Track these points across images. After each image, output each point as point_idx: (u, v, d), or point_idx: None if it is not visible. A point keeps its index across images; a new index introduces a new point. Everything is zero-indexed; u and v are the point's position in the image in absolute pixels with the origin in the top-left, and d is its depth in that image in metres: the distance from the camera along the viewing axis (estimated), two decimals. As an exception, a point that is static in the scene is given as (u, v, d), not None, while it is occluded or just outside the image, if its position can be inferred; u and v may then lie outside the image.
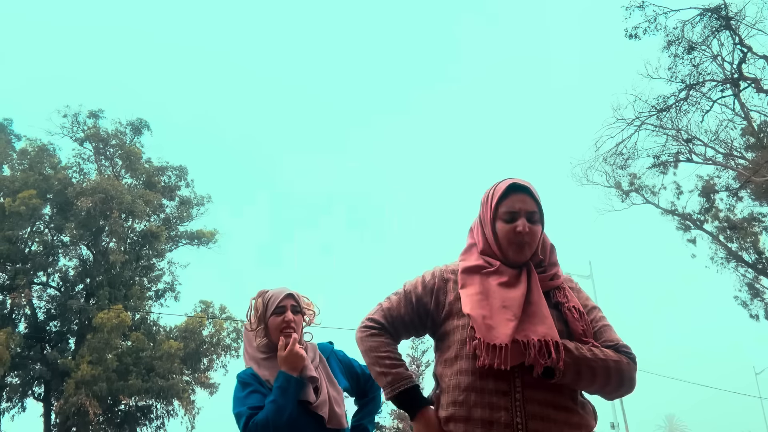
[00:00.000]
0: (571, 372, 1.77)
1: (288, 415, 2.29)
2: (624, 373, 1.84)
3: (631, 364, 1.86)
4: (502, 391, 1.78)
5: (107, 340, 19.54)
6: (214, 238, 24.75)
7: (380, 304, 2.06)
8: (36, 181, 21.61)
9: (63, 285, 22.62)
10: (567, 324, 1.87)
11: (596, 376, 1.80)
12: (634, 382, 1.86)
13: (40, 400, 20.96)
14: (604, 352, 1.83)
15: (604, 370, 1.80)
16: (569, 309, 1.89)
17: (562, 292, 1.94)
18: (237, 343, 23.37)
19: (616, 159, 20.24)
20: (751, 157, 18.67)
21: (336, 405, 2.43)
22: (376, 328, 2.01)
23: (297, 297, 2.58)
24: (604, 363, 1.80)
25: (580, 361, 1.78)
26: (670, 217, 21.92)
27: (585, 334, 1.86)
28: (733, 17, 17.10)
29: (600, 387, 1.84)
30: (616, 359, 1.83)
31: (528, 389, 1.78)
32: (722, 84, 18.41)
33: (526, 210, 1.91)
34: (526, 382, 1.79)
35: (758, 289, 21.71)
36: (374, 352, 1.98)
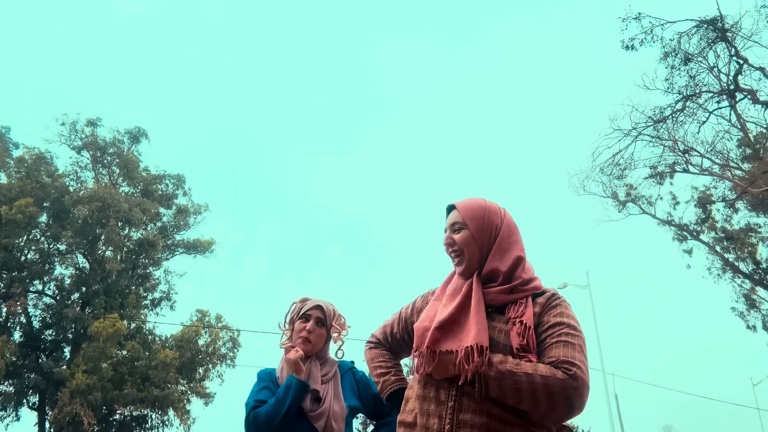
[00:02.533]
0: (495, 386, 1.72)
1: (284, 414, 2.39)
2: (554, 389, 1.68)
3: (566, 380, 1.69)
4: (440, 400, 1.83)
5: (102, 349, 19.45)
6: (210, 248, 24.73)
7: (384, 322, 2.34)
8: (33, 189, 21.58)
9: (59, 293, 22.52)
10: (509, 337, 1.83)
11: (520, 393, 1.69)
12: (573, 402, 1.70)
13: (35, 409, 20.84)
14: (535, 367, 1.72)
15: (528, 386, 1.69)
16: (513, 323, 1.83)
17: (517, 306, 1.89)
18: (233, 352, 23.29)
19: (612, 169, 20.29)
20: (748, 168, 18.74)
21: (334, 420, 2.49)
22: (373, 343, 2.33)
23: (326, 310, 2.66)
24: (529, 378, 1.69)
25: (503, 374, 1.71)
26: (666, 227, 21.99)
27: (523, 350, 1.78)
28: (729, 29, 17.24)
29: (531, 407, 1.71)
30: (546, 374, 1.69)
31: (464, 398, 1.78)
32: (718, 95, 18.51)
33: (450, 223, 2.06)
34: (463, 392, 1.79)
35: (755, 299, 21.73)
36: (370, 364, 2.30)
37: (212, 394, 22.57)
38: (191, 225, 25.00)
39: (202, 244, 24.63)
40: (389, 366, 2.24)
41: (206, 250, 24.73)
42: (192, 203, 25.08)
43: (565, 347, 1.79)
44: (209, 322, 23.40)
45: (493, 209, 2.03)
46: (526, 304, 1.90)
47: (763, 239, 20.86)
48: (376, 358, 2.28)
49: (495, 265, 1.96)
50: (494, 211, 2.03)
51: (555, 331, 1.84)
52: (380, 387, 2.23)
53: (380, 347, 2.29)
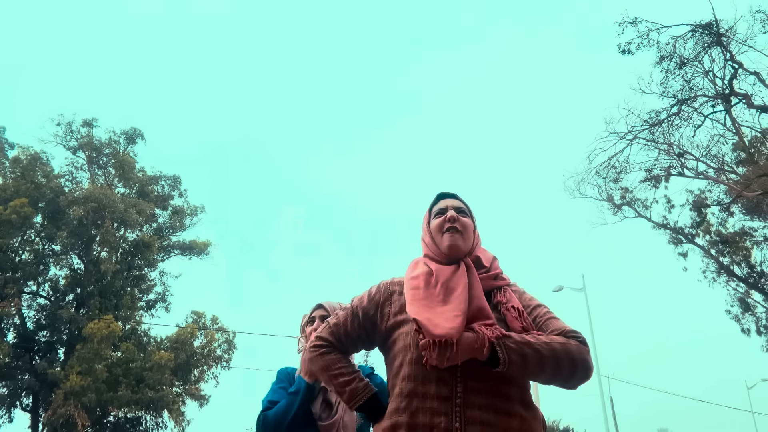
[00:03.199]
0: (517, 359, 1.73)
1: (292, 416, 2.37)
2: (574, 354, 1.80)
3: (580, 345, 1.83)
4: (444, 396, 1.77)
5: (97, 351, 19.37)
6: (206, 249, 24.67)
7: (327, 322, 2.10)
8: (28, 189, 21.50)
9: (53, 294, 22.43)
10: (506, 324, 1.86)
11: (543, 361, 1.76)
12: (589, 364, 1.83)
13: (28, 410, 20.71)
14: (550, 337, 1.81)
15: (551, 353, 1.76)
16: (507, 309, 1.90)
17: (502, 292, 1.97)
18: (228, 354, 23.24)
19: (608, 172, 20.35)
20: (743, 171, 18.82)
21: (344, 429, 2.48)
22: (325, 346, 2.03)
23: (328, 307, 2.70)
24: (549, 346, 1.77)
25: (524, 344, 1.75)
26: (661, 230, 22.03)
27: (524, 330, 1.84)
28: (725, 34, 17.33)
29: (552, 374, 1.80)
30: (563, 341, 1.81)
31: (470, 394, 1.76)
32: (714, 99, 18.60)
33: (453, 206, 2.09)
34: (468, 387, 1.77)
35: (749, 303, 21.79)
36: (326, 371, 2.01)
37: (207, 396, 22.52)
38: (187, 226, 24.96)
39: (197, 246, 24.58)
40: (351, 372, 2.00)
41: (202, 252, 24.68)
42: (188, 204, 25.06)
43: (558, 321, 1.94)
44: (205, 324, 23.35)
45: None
46: (508, 291, 1.99)
47: (758, 243, 20.93)
48: (333, 365, 2.00)
49: (480, 256, 2.06)
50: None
51: (541, 310, 1.98)
52: (347, 397, 1.97)
53: (333, 351, 2.02)
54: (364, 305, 2.05)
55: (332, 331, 2.05)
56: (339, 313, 2.09)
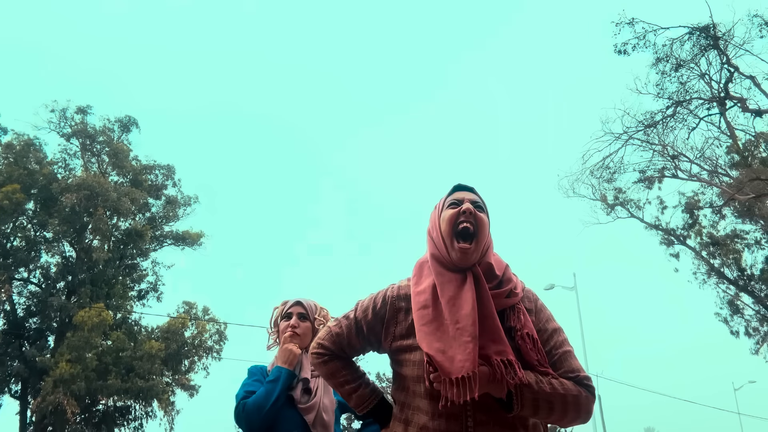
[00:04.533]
0: (529, 406, 1.72)
1: (273, 402, 2.44)
2: (581, 407, 1.79)
3: (589, 397, 1.81)
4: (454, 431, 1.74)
5: (87, 339, 19.32)
6: (199, 240, 24.60)
7: (329, 328, 2.03)
8: (20, 175, 21.35)
9: (44, 281, 22.33)
10: (521, 354, 1.77)
11: (553, 410, 1.75)
12: (590, 415, 1.82)
13: (17, 397, 20.65)
14: (564, 386, 1.77)
15: (562, 405, 1.75)
16: (523, 338, 1.78)
17: (516, 314, 1.83)
18: (219, 345, 23.21)
19: (602, 173, 20.45)
20: (735, 175, 18.92)
21: (324, 412, 2.55)
22: (326, 355, 2.00)
23: (306, 305, 2.75)
24: (562, 398, 1.75)
25: (539, 396, 1.72)
26: (654, 231, 22.14)
27: (540, 364, 1.78)
28: (722, 37, 17.39)
29: (556, 420, 1.80)
30: (575, 393, 1.77)
31: (480, 427, 1.73)
32: (709, 102, 18.69)
33: (471, 199, 1.89)
34: (478, 421, 1.73)
35: (739, 306, 21.94)
36: (332, 379, 2.01)
37: (197, 386, 22.51)
38: (180, 216, 24.87)
39: (190, 236, 24.51)
40: (356, 378, 1.99)
41: (195, 243, 24.61)
42: (182, 194, 24.96)
43: (572, 358, 1.86)
44: (196, 315, 23.32)
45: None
46: (522, 311, 1.85)
47: (749, 246, 21.07)
48: (338, 373, 1.98)
49: (491, 263, 1.88)
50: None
51: (557, 340, 1.88)
52: (354, 403, 1.97)
53: (335, 359, 1.99)
54: (368, 319, 1.95)
55: (334, 341, 1.99)
56: (341, 322, 2.00)
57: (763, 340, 21.68)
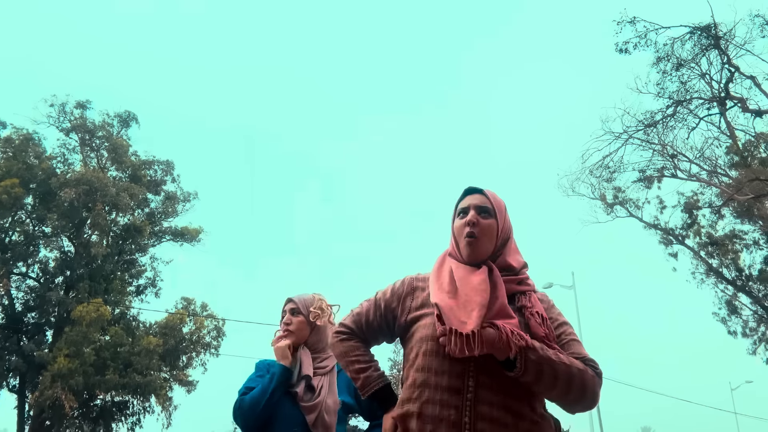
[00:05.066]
0: (533, 370, 1.72)
1: (268, 399, 2.44)
2: (587, 383, 1.78)
3: (596, 378, 1.81)
4: (455, 389, 1.77)
5: (85, 334, 19.31)
6: (198, 236, 24.58)
7: (352, 310, 2.14)
8: (19, 170, 21.32)
9: (42, 276, 22.31)
10: (529, 328, 1.83)
11: (557, 380, 1.74)
12: (597, 397, 1.81)
13: (15, 392, 20.66)
14: (570, 360, 1.78)
15: (566, 375, 1.74)
16: (532, 313, 1.86)
17: (527, 297, 1.92)
18: (217, 341, 23.22)
19: (602, 172, 20.46)
20: (735, 175, 18.93)
21: (326, 413, 2.53)
22: (346, 333, 2.09)
23: (297, 300, 2.77)
24: (567, 369, 1.75)
25: (543, 360, 1.72)
26: (652, 231, 22.16)
27: (548, 338, 1.81)
28: (723, 37, 17.37)
29: (561, 394, 1.77)
30: (581, 368, 1.78)
31: (481, 389, 1.75)
32: (709, 102, 18.69)
33: (476, 205, 1.99)
34: (479, 383, 1.76)
35: (736, 306, 21.97)
36: (344, 357, 2.07)
37: (195, 382, 22.51)
38: (179, 212, 24.84)
39: (189, 232, 24.48)
40: (368, 360, 2.04)
41: (194, 239, 24.59)
42: (181, 190, 24.94)
43: (580, 345, 1.90)
44: (194, 311, 23.31)
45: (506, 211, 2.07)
46: (532, 296, 1.94)
47: (747, 246, 21.08)
48: (351, 352, 2.05)
49: (508, 261, 1.98)
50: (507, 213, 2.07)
51: (566, 329, 1.94)
52: (360, 384, 2.02)
53: (354, 338, 2.08)
54: (387, 298, 2.06)
55: (354, 320, 2.10)
56: (363, 304, 2.12)
57: (760, 340, 21.72)
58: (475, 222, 1.95)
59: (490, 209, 1.99)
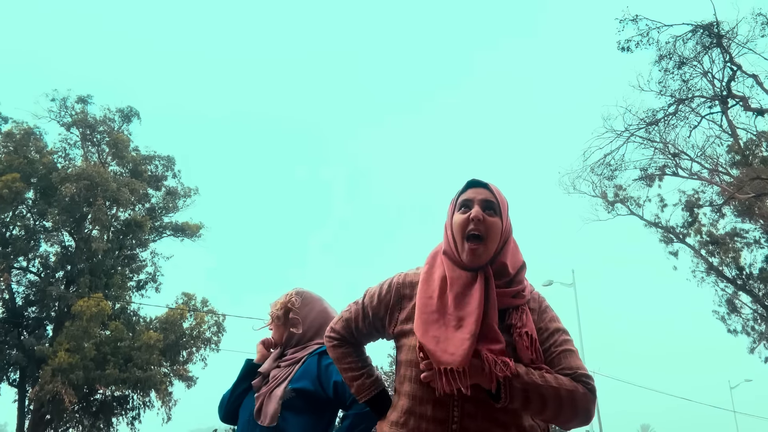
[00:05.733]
0: (519, 398, 1.66)
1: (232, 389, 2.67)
2: (578, 403, 1.70)
3: (588, 394, 1.72)
4: (440, 419, 1.73)
5: (86, 329, 19.33)
6: (198, 231, 24.60)
7: (341, 315, 2.10)
8: (20, 164, 21.32)
9: (43, 271, 22.34)
10: (515, 350, 1.75)
11: (546, 404, 1.68)
12: (591, 413, 1.74)
13: (15, 385, 20.71)
14: (558, 380, 1.70)
15: (555, 399, 1.67)
16: (520, 335, 1.75)
17: (519, 314, 1.80)
18: (218, 336, 23.25)
19: (603, 170, 20.44)
20: (736, 174, 18.91)
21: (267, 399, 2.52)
22: (337, 339, 2.08)
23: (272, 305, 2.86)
24: (555, 392, 1.68)
25: (529, 387, 1.66)
26: (653, 229, 22.16)
27: (533, 363, 1.74)
28: (725, 35, 17.33)
29: (552, 416, 1.71)
30: (570, 389, 1.70)
31: (466, 419, 1.71)
32: (711, 100, 18.66)
33: (481, 198, 1.84)
34: (465, 412, 1.72)
35: (737, 304, 21.99)
36: (338, 364, 2.08)
37: (195, 377, 22.55)
38: (180, 207, 24.86)
39: (190, 228, 24.50)
40: (360, 367, 2.03)
41: (194, 234, 24.61)
42: (181, 186, 24.95)
43: (572, 356, 1.80)
44: (195, 306, 23.34)
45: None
46: (525, 312, 1.82)
47: (748, 245, 21.08)
48: (344, 359, 2.05)
49: (506, 262, 1.84)
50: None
51: (557, 338, 1.82)
52: (354, 391, 2.02)
53: (344, 345, 2.06)
54: (373, 305, 1.98)
55: (344, 326, 2.06)
56: (351, 308, 2.06)
57: (760, 338, 21.74)
58: (480, 219, 1.79)
59: (496, 206, 1.84)
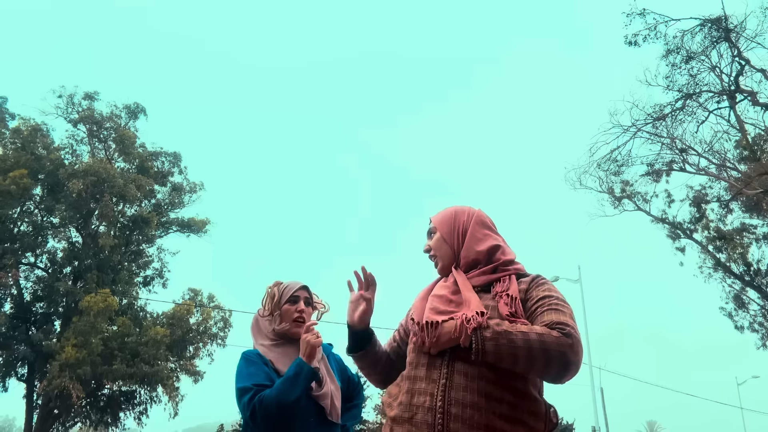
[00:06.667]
0: (491, 349, 1.75)
1: (295, 398, 2.36)
2: (549, 346, 1.72)
3: (561, 338, 1.74)
4: (431, 378, 1.87)
5: (93, 324, 19.44)
6: (205, 227, 24.67)
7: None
8: (28, 160, 21.43)
9: (51, 266, 22.47)
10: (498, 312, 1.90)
11: (517, 351, 1.73)
12: (568, 358, 1.73)
13: (23, 380, 20.87)
14: (530, 327, 1.78)
15: (525, 344, 1.73)
16: (500, 296, 1.93)
17: (502, 282, 2.00)
18: (224, 332, 23.34)
19: (610, 165, 20.35)
20: (744, 169, 18.80)
21: (335, 399, 2.54)
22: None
23: (310, 290, 2.73)
24: (524, 336, 1.74)
25: (498, 335, 1.76)
26: (660, 225, 22.05)
27: (513, 316, 1.86)
28: (733, 29, 17.20)
29: (528, 365, 1.75)
30: (541, 332, 1.75)
31: (455, 375, 1.83)
32: (719, 95, 18.53)
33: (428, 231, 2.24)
34: (454, 370, 1.84)
35: (744, 300, 21.88)
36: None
37: (202, 372, 22.66)
38: (186, 203, 24.95)
39: (196, 224, 24.58)
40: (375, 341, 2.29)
41: (200, 230, 24.68)
42: (187, 181, 25.02)
43: (556, 313, 1.85)
44: (201, 302, 23.43)
45: (460, 210, 2.19)
46: (510, 280, 2.00)
47: (756, 240, 20.96)
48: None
49: (471, 255, 2.09)
50: (461, 212, 2.18)
51: (545, 302, 1.91)
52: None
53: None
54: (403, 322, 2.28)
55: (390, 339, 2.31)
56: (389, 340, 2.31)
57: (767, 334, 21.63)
58: (427, 248, 2.21)
59: (432, 228, 2.20)
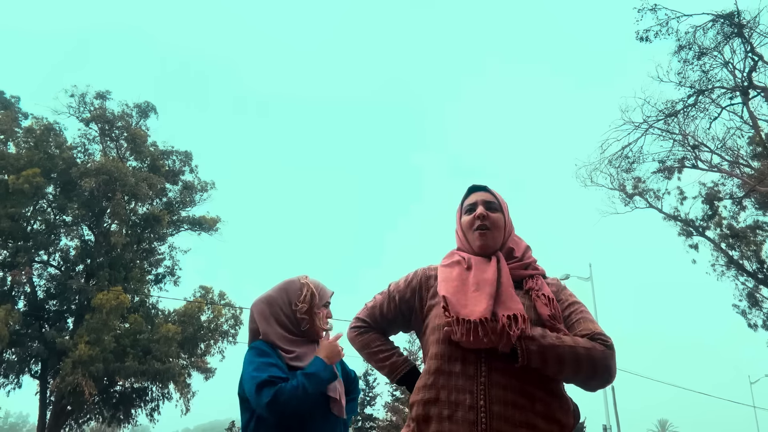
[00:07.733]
0: (537, 358, 1.76)
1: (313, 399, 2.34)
2: (597, 360, 1.79)
3: (606, 351, 1.82)
4: (469, 374, 1.82)
5: (105, 321, 19.61)
6: (215, 225, 24.79)
7: (366, 304, 2.22)
8: (41, 159, 21.63)
9: (63, 264, 22.68)
10: (536, 310, 1.89)
11: (564, 363, 1.77)
12: (612, 370, 1.82)
13: (37, 377, 21.07)
14: (575, 340, 1.81)
15: (572, 357, 1.77)
16: (538, 295, 1.92)
17: (534, 280, 1.99)
18: (235, 329, 23.46)
19: (621, 162, 20.22)
20: (757, 166, 18.61)
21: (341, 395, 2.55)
22: (363, 327, 2.19)
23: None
24: (572, 350, 1.78)
25: (545, 348, 1.77)
26: (672, 222, 21.87)
27: (553, 318, 1.86)
28: (746, 25, 17.02)
29: (571, 375, 1.81)
30: (588, 347, 1.80)
31: (494, 373, 1.80)
32: (731, 91, 18.35)
33: (483, 200, 2.09)
34: (492, 367, 1.80)
35: (758, 298, 21.66)
36: (366, 349, 2.16)
37: (213, 369, 22.81)
38: (197, 202, 25.08)
39: (207, 222, 24.71)
40: (390, 348, 2.14)
41: (211, 228, 24.80)
42: (198, 180, 25.14)
43: (592, 323, 1.92)
44: (212, 299, 23.56)
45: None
46: (540, 279, 2.01)
47: (769, 238, 20.74)
48: (373, 343, 2.15)
49: (512, 247, 2.08)
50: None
51: (576, 308, 1.97)
52: (387, 371, 2.11)
53: (371, 331, 2.17)
54: (400, 289, 2.15)
55: (369, 313, 2.19)
56: (376, 297, 2.21)
57: (781, 333, 21.41)
58: (485, 215, 2.05)
59: (497, 204, 2.10)
